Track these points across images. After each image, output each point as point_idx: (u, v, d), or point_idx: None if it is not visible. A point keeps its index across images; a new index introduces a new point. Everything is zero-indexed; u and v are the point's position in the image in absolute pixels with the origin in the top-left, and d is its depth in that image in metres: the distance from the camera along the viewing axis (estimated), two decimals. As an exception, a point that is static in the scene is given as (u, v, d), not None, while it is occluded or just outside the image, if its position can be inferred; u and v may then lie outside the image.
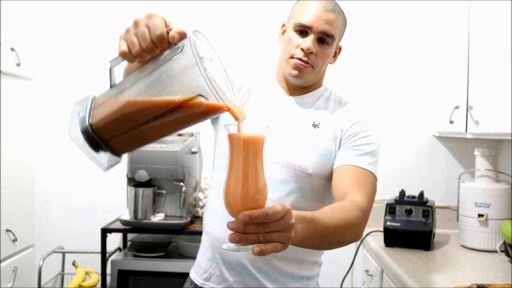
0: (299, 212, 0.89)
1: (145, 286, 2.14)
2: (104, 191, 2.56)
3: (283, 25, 1.36)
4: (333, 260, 2.46)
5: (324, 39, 1.26)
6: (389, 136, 2.50)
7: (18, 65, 2.29)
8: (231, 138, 0.82)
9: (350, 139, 1.28)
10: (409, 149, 2.50)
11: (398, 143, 2.49)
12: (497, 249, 1.94)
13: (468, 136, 2.00)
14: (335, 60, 1.37)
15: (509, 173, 2.12)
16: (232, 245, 0.79)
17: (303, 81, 1.31)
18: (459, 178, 2.19)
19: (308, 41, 1.25)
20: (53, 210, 2.60)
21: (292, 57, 1.27)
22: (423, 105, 2.48)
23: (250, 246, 0.77)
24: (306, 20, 1.25)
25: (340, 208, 1.08)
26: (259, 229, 0.76)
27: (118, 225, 2.20)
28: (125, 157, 2.33)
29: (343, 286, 2.38)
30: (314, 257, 1.37)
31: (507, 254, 1.84)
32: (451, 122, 2.12)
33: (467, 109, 1.98)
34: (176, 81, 0.76)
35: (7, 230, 2.27)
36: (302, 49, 1.25)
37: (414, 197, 2.18)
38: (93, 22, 2.56)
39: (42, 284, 2.38)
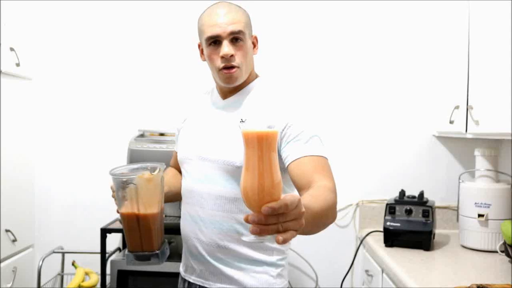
0: None
1: (144, 286, 2.14)
2: (104, 191, 2.52)
3: (199, 45, 1.46)
4: (333, 260, 2.47)
5: (236, 37, 1.36)
6: (389, 136, 2.50)
7: (18, 65, 2.29)
8: (246, 136, 0.87)
9: (288, 131, 1.32)
10: (409, 149, 2.49)
11: (398, 143, 2.49)
12: (497, 249, 1.94)
13: (468, 136, 2.00)
14: (257, 49, 1.46)
15: (509, 173, 2.12)
16: (253, 237, 0.84)
17: (238, 83, 1.41)
18: (459, 178, 2.19)
19: (224, 47, 1.35)
20: (53, 210, 2.60)
21: (219, 69, 1.38)
22: (423, 105, 2.48)
23: (269, 237, 0.82)
24: (212, 31, 1.35)
25: (319, 194, 1.14)
26: (279, 219, 0.80)
27: (118, 225, 2.20)
28: (125, 157, 2.33)
29: (343, 286, 2.38)
30: (269, 242, 1.40)
31: (507, 254, 1.84)
32: (451, 122, 2.12)
33: (467, 109, 1.98)
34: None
35: (7, 230, 2.27)
36: (222, 57, 1.35)
37: (414, 197, 2.18)
38: (93, 22, 2.56)
39: (41, 284, 2.38)
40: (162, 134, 2.26)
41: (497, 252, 1.94)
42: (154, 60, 2.55)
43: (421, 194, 2.17)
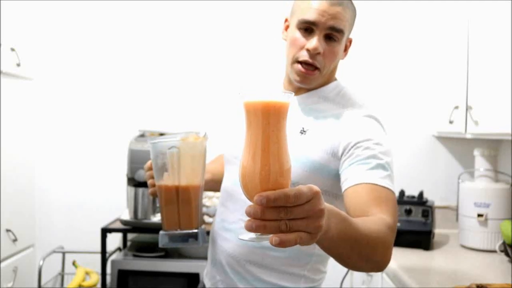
0: (331, 206, 0.77)
1: (145, 286, 2.14)
2: (104, 191, 2.56)
3: (286, 20, 1.25)
4: (333, 260, 2.47)
5: (332, 35, 1.15)
6: (388, 136, 2.50)
7: (19, 65, 2.29)
8: (248, 107, 0.70)
9: (356, 152, 1.12)
10: (409, 149, 2.50)
11: (398, 143, 2.49)
12: (497, 249, 1.94)
13: (468, 136, 2.00)
14: (346, 54, 1.26)
15: (509, 173, 2.12)
16: (251, 235, 0.68)
17: (310, 86, 1.23)
18: (459, 178, 2.20)
19: (314, 41, 1.13)
20: (53, 210, 2.60)
21: (297, 61, 1.17)
22: (423, 105, 2.48)
23: (271, 236, 0.66)
24: (311, 16, 1.13)
25: (370, 220, 0.94)
26: (280, 214, 0.64)
27: (118, 225, 2.20)
28: (125, 157, 2.33)
29: (343, 286, 2.38)
30: (298, 269, 1.24)
31: (507, 254, 1.84)
32: (451, 122, 2.13)
33: (466, 109, 1.99)
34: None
35: (7, 230, 2.27)
36: (307, 50, 1.14)
37: (413, 197, 2.18)
38: (94, 22, 2.56)
39: (42, 284, 2.38)
40: (162, 134, 2.26)
41: (496, 251, 1.94)
42: (154, 60, 2.55)
43: (421, 194, 2.18)
